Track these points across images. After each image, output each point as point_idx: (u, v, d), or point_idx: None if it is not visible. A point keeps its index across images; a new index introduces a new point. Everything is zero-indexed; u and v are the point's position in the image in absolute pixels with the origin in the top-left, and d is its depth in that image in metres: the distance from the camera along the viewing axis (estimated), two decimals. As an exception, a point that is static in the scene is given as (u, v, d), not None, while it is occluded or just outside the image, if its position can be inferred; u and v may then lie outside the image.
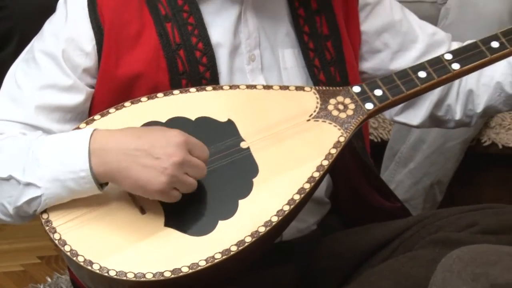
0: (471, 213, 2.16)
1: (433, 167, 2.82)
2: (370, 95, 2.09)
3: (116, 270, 1.91)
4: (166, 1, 2.11)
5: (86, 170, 1.92)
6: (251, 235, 1.93)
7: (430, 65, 2.14)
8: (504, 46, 2.16)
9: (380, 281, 2.09)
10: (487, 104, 2.30)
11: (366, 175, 2.25)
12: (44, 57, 2.10)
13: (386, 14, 2.29)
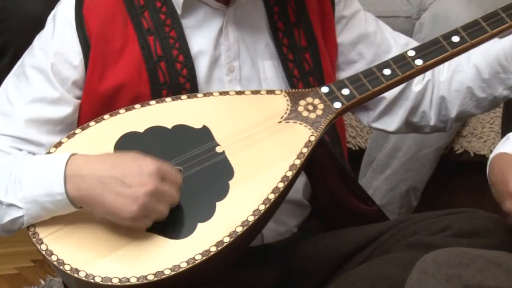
0: (444, 217, 2.16)
1: (409, 174, 2.82)
2: (338, 95, 2.09)
3: (101, 276, 1.91)
4: (149, 16, 2.11)
5: (62, 194, 1.93)
6: (229, 235, 1.93)
7: (394, 62, 2.14)
8: (464, 40, 2.16)
9: (358, 282, 2.09)
10: (460, 108, 2.30)
11: (343, 179, 2.24)
12: (34, 71, 2.10)
13: (361, 27, 2.29)
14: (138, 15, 2.10)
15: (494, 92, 2.28)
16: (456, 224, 2.11)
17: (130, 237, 1.95)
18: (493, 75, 2.26)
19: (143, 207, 1.88)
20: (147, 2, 2.11)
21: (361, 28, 2.29)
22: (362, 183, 2.84)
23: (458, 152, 2.83)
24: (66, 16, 2.10)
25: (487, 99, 2.30)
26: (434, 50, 2.14)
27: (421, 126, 2.34)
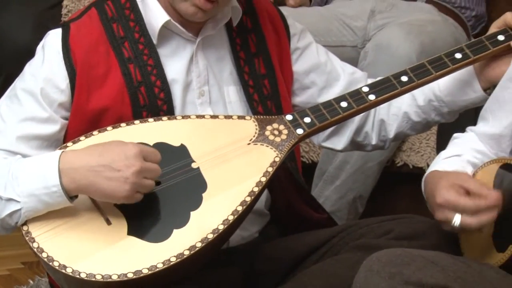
0: (387, 222, 2.17)
1: (355, 184, 2.82)
2: (300, 122, 2.10)
3: (86, 273, 1.91)
4: (129, 46, 2.10)
5: (57, 186, 1.92)
6: (201, 241, 1.94)
7: (350, 96, 2.15)
8: (412, 80, 2.18)
9: (312, 280, 2.09)
10: (397, 130, 2.32)
11: (298, 191, 2.24)
12: (24, 94, 2.08)
13: (313, 57, 2.29)
14: (119, 45, 2.10)
15: (427, 117, 2.30)
16: (398, 228, 2.12)
17: (113, 239, 1.95)
18: (427, 103, 2.28)
19: (133, 185, 1.90)
20: (126, 33, 2.10)
21: (314, 58, 2.29)
22: (314, 192, 2.84)
23: (399, 164, 2.84)
24: (54, 46, 2.09)
25: (421, 123, 2.32)
26: (385, 87, 2.17)
27: (364, 144, 2.34)
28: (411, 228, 2.12)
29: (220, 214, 1.98)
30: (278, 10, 2.27)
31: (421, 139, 2.80)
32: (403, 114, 2.29)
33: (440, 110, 2.28)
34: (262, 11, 2.23)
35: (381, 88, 2.17)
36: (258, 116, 2.11)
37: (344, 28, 3.03)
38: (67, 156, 1.94)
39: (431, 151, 2.77)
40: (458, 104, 2.27)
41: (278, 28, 2.24)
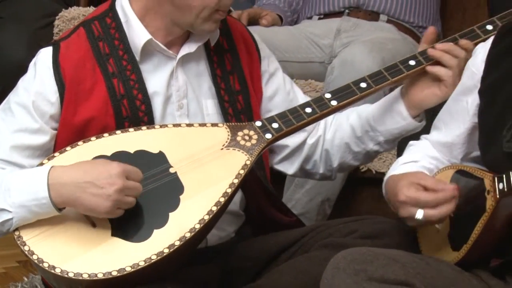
0: (352, 223, 2.17)
1: (323, 188, 2.82)
2: (269, 128, 2.11)
3: (74, 272, 1.91)
4: (113, 62, 2.10)
5: (46, 198, 1.93)
6: (179, 239, 1.94)
7: (314, 102, 2.16)
8: (370, 86, 2.19)
9: (283, 276, 2.10)
10: (340, 160, 2.31)
11: (267, 197, 2.24)
12: (18, 107, 2.08)
13: (280, 84, 2.29)
14: (105, 61, 2.09)
15: (366, 147, 2.30)
16: (362, 228, 2.12)
17: (98, 240, 1.96)
18: (364, 133, 2.28)
19: (114, 202, 1.91)
20: (111, 50, 2.10)
21: (280, 85, 2.29)
22: (286, 195, 2.84)
23: (363, 170, 2.83)
24: (45, 62, 2.09)
25: (362, 153, 2.31)
26: (346, 93, 2.17)
27: (312, 173, 2.34)
28: (374, 228, 2.12)
29: (197, 214, 1.98)
30: (250, 34, 2.28)
31: (383, 146, 2.80)
32: (344, 145, 2.29)
33: (377, 139, 2.27)
34: (237, 34, 2.23)
35: (342, 94, 2.17)
36: (230, 123, 2.12)
37: (313, 46, 3.04)
38: (56, 171, 1.95)
39: (392, 157, 2.78)
40: (391, 132, 2.26)
41: (250, 50, 2.24)
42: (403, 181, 2.00)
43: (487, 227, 1.94)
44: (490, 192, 1.93)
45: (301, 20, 3.24)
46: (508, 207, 1.92)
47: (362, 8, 3.13)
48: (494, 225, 1.94)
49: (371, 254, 1.89)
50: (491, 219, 1.93)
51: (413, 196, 1.96)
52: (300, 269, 2.08)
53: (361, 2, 3.12)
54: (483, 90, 2.02)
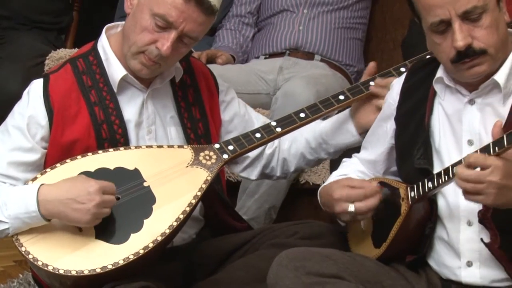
0: (294, 226, 2.17)
1: (270, 197, 2.81)
2: (225, 149, 2.11)
3: (63, 269, 1.90)
4: (95, 92, 2.09)
5: (36, 212, 1.92)
6: (152, 242, 1.94)
7: (262, 129, 2.17)
8: (308, 116, 2.21)
9: (237, 271, 2.09)
10: (296, 166, 2.33)
11: (223, 207, 2.24)
12: (13, 129, 2.07)
13: (236, 109, 2.29)
14: (87, 92, 2.08)
15: (318, 156, 2.32)
16: (302, 230, 2.13)
17: (84, 242, 1.94)
18: (318, 145, 2.30)
19: (94, 215, 1.90)
20: (93, 83, 2.09)
21: (236, 110, 2.29)
22: (239, 203, 2.83)
23: (302, 182, 2.84)
24: (36, 91, 2.07)
25: (314, 160, 2.33)
26: (288, 122, 2.19)
27: (271, 175, 2.34)
28: (312, 230, 2.13)
29: (167, 221, 1.98)
30: (209, 71, 2.27)
31: (318, 163, 2.82)
32: (300, 154, 2.30)
33: (327, 150, 2.29)
34: (198, 71, 2.22)
35: (285, 122, 2.19)
36: (194, 146, 2.11)
37: (260, 80, 3.04)
38: (43, 189, 1.94)
39: (326, 172, 2.79)
40: (341, 146, 2.29)
41: (210, 85, 2.23)
42: (335, 184, 2.03)
43: (402, 228, 1.96)
44: (404, 199, 1.95)
45: (250, 59, 3.24)
46: (418, 211, 1.95)
47: (300, 50, 3.14)
48: (407, 226, 1.96)
49: (309, 253, 1.90)
50: (405, 221, 1.95)
51: (345, 193, 1.97)
52: (251, 265, 2.08)
53: (299, 45, 3.14)
54: (398, 117, 2.04)
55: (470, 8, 1.81)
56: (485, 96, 1.90)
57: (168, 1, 1.95)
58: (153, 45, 1.99)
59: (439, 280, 1.95)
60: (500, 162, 1.68)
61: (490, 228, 1.86)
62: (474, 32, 1.83)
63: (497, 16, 1.84)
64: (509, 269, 1.85)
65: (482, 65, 1.84)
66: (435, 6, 1.83)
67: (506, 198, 1.70)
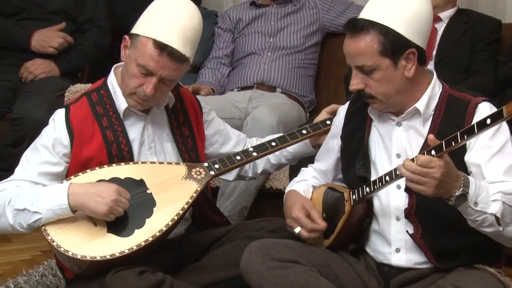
0: (261, 222, 2.17)
1: (243, 199, 2.80)
2: (212, 167, 2.10)
3: (81, 255, 1.89)
4: (106, 119, 2.07)
5: (66, 204, 1.91)
6: (152, 236, 1.93)
7: (242, 153, 2.16)
8: (278, 144, 2.20)
9: (217, 258, 2.08)
10: (263, 169, 2.31)
11: (209, 205, 2.23)
12: (42, 147, 2.04)
13: (216, 126, 2.28)
14: (100, 118, 2.06)
15: (280, 161, 2.30)
16: (268, 226, 2.12)
17: (98, 235, 1.93)
18: (280, 153, 2.28)
19: (109, 208, 1.89)
20: (104, 111, 2.07)
21: (216, 127, 2.27)
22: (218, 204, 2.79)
23: (268, 187, 2.82)
24: (60, 118, 2.06)
25: (276, 165, 2.32)
26: (263, 148, 2.18)
27: (244, 176, 2.33)
28: (276, 226, 2.12)
29: (164, 220, 1.96)
30: (195, 98, 2.26)
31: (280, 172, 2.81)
32: (266, 159, 2.29)
33: (287, 157, 2.29)
34: (187, 99, 2.21)
35: (260, 149, 2.18)
36: (187, 163, 2.10)
37: (234, 108, 3.04)
38: (73, 185, 1.94)
39: (286, 179, 2.78)
40: (299, 154, 2.29)
41: (195, 108, 2.22)
42: (298, 203, 1.98)
43: (345, 223, 1.96)
44: (348, 201, 1.96)
45: (226, 91, 3.24)
46: (358, 210, 1.96)
47: (265, 84, 3.14)
48: (350, 222, 1.96)
49: (273, 243, 1.91)
50: (348, 218, 1.96)
51: (299, 218, 1.95)
52: (227, 253, 2.06)
53: (264, 80, 3.14)
54: (343, 136, 2.05)
55: (360, 65, 1.84)
56: (409, 119, 1.91)
57: (147, 54, 1.95)
58: (141, 87, 1.99)
59: (375, 263, 1.95)
60: (442, 163, 1.67)
61: (414, 222, 1.88)
62: (368, 81, 1.86)
63: (391, 73, 1.83)
64: (428, 254, 1.87)
65: (375, 104, 1.89)
66: (345, 55, 1.88)
67: (441, 191, 1.69)
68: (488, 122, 1.60)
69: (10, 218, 1.94)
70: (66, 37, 3.15)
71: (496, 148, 1.80)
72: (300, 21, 3.23)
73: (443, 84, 1.93)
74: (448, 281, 1.75)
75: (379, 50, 1.80)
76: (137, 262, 1.92)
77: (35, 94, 2.99)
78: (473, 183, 1.70)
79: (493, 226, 1.72)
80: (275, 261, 1.84)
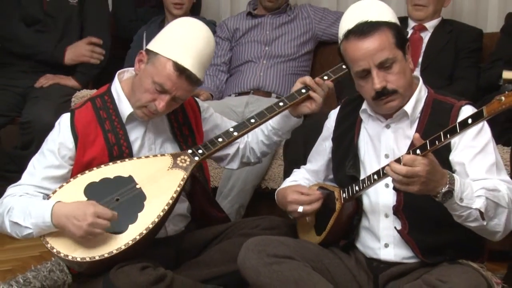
0: (257, 220, 2.15)
1: (240, 199, 2.79)
2: (196, 153, 2.07)
3: (80, 257, 1.88)
4: (109, 123, 2.06)
5: (50, 223, 1.90)
6: (145, 229, 1.91)
7: (223, 134, 2.11)
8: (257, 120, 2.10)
9: (215, 254, 2.07)
10: (260, 150, 2.24)
11: (208, 200, 2.21)
12: (48, 152, 2.03)
13: (214, 121, 2.24)
14: (103, 122, 2.05)
15: (272, 139, 2.22)
16: (263, 223, 2.11)
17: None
18: (269, 132, 2.20)
19: (85, 232, 1.86)
20: (108, 115, 2.06)
21: (215, 121, 2.24)
22: (216, 203, 2.80)
23: (263, 187, 2.82)
24: (65, 123, 2.05)
25: (271, 144, 2.23)
26: (242, 127, 2.12)
27: (248, 163, 2.28)
28: (271, 223, 2.11)
29: (155, 212, 1.94)
30: (193, 98, 2.23)
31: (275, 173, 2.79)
32: (260, 142, 2.22)
33: (278, 133, 2.20)
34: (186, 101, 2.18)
35: (240, 127, 2.12)
36: (172, 153, 2.07)
37: (231, 112, 3.03)
38: (57, 206, 1.91)
39: (281, 179, 2.77)
40: (286, 129, 2.20)
41: (194, 108, 2.20)
42: (289, 189, 2.01)
43: (336, 220, 1.96)
44: (338, 199, 1.96)
45: (224, 96, 3.23)
46: (348, 208, 1.95)
47: (261, 90, 3.13)
48: (340, 219, 1.96)
49: (268, 240, 1.90)
50: (338, 215, 1.95)
51: (295, 198, 1.96)
52: (225, 250, 2.06)
53: (260, 86, 3.12)
54: (334, 138, 2.05)
55: (384, 60, 1.83)
56: (397, 122, 1.91)
57: (165, 74, 1.94)
58: (153, 103, 1.98)
59: (364, 258, 1.95)
60: (426, 161, 1.66)
61: (401, 219, 1.87)
62: (388, 77, 1.84)
63: (404, 65, 1.87)
64: (415, 249, 1.86)
65: (394, 101, 1.86)
66: (358, 59, 1.84)
67: (427, 188, 1.68)
68: (469, 122, 1.61)
69: (7, 227, 1.96)
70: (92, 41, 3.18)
71: (479, 148, 1.81)
72: (294, 30, 3.23)
73: (428, 88, 1.94)
74: (434, 276, 1.75)
75: (394, 42, 1.83)
76: (139, 257, 1.91)
77: (43, 99, 2.99)
78: (458, 180, 1.70)
79: (477, 221, 1.72)
80: (271, 257, 1.83)
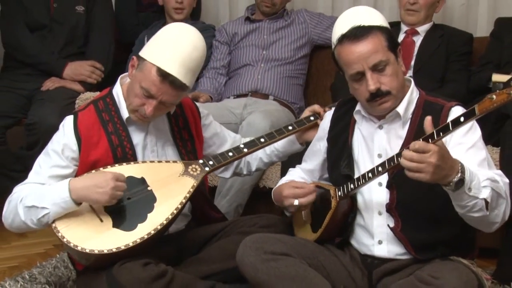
0: (255, 218, 2.15)
1: (238, 198, 2.79)
2: (207, 164, 2.09)
3: (89, 249, 1.87)
4: (111, 124, 2.06)
5: (68, 197, 1.90)
6: (154, 230, 1.92)
7: (234, 149, 2.15)
8: (266, 140, 2.18)
9: (214, 251, 2.08)
10: (256, 167, 2.31)
11: (207, 202, 2.22)
12: (52, 152, 2.04)
13: (213, 129, 2.27)
14: (106, 124, 2.05)
15: (272, 159, 2.30)
16: (261, 222, 2.11)
17: (103, 230, 1.91)
18: (271, 152, 2.28)
19: (110, 196, 1.88)
20: (110, 118, 2.06)
21: (214, 130, 2.27)
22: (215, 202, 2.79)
23: (261, 186, 2.81)
24: (69, 125, 2.05)
25: (269, 163, 2.31)
26: (252, 144, 2.17)
27: (240, 173, 2.33)
28: (268, 221, 2.11)
29: (164, 214, 1.95)
30: (194, 103, 2.26)
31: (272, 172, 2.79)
32: (259, 159, 2.29)
33: (279, 155, 2.29)
34: (186, 105, 2.20)
35: (250, 145, 2.17)
36: (184, 161, 2.09)
37: (230, 113, 3.03)
38: (73, 181, 1.93)
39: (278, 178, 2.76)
40: (287, 152, 2.28)
41: (194, 113, 2.22)
42: (285, 185, 2.02)
43: (332, 218, 1.96)
44: (334, 197, 1.96)
45: (223, 98, 3.22)
46: (343, 206, 1.95)
47: (258, 92, 3.12)
48: (336, 217, 1.96)
49: (266, 237, 1.90)
50: (334, 213, 1.95)
51: (291, 192, 1.97)
52: (224, 247, 2.06)
53: (258, 88, 3.12)
54: (329, 138, 2.05)
55: (377, 62, 1.83)
56: (390, 123, 1.91)
57: (150, 79, 1.95)
58: (142, 107, 1.99)
59: (359, 255, 1.95)
60: (437, 148, 1.63)
61: (394, 216, 1.87)
62: (381, 79, 1.84)
63: (397, 67, 1.87)
64: (407, 246, 1.86)
65: (388, 102, 1.87)
66: (353, 62, 1.84)
67: (439, 176, 1.65)
68: (461, 120, 1.61)
69: (22, 215, 1.95)
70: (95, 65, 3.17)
71: (470, 144, 1.81)
72: (291, 35, 3.23)
73: (420, 90, 1.95)
74: (426, 272, 1.75)
75: (387, 45, 1.84)
76: (141, 254, 1.91)
77: (48, 101, 3.00)
78: (467, 169, 1.68)
79: (481, 211, 1.70)
80: (268, 254, 1.83)
